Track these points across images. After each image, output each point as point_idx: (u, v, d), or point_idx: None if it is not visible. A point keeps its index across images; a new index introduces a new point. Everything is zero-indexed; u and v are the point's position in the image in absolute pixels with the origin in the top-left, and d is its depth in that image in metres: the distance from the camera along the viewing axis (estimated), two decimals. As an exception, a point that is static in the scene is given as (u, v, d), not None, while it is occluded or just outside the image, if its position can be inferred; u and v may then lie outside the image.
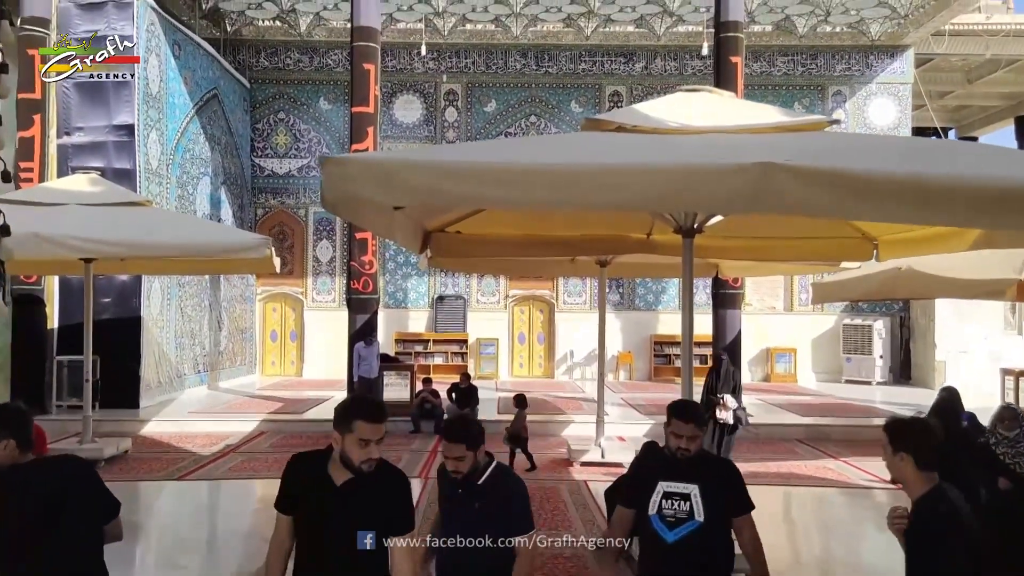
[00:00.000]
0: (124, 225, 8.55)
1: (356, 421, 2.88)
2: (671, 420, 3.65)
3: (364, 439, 2.88)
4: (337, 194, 4.02)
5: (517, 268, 12.73)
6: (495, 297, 19.75)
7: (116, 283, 13.22)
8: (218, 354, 16.91)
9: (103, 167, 12.61)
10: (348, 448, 2.90)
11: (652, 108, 5.61)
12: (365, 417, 2.89)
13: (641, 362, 19.41)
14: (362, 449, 2.88)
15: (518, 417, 9.70)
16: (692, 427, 3.57)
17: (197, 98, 15.68)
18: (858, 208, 3.62)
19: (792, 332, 19.13)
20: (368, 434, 2.88)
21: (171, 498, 8.59)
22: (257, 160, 19.37)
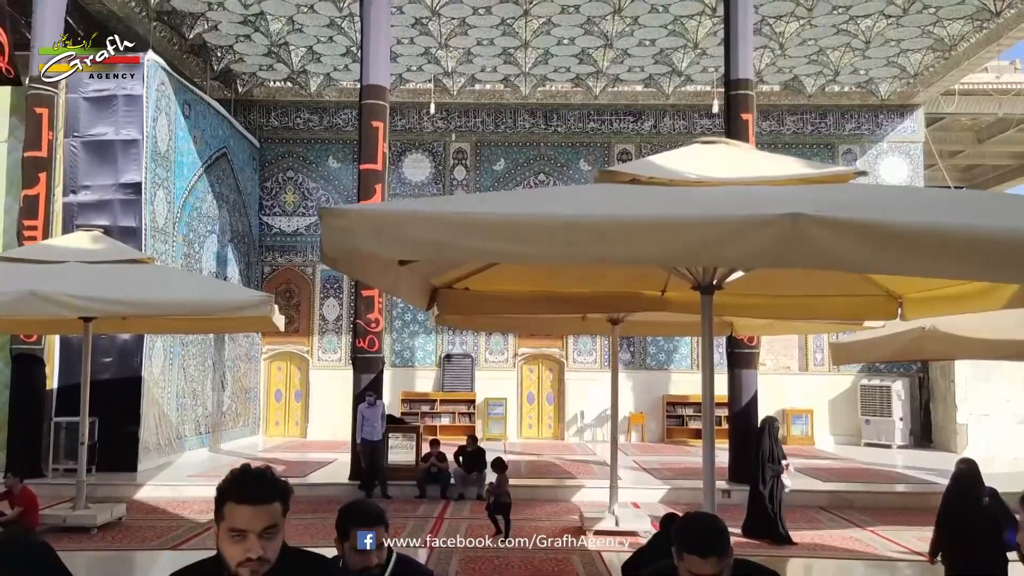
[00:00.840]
0: (124, 283, 8.34)
1: (226, 504, 2.05)
2: (683, 555, 2.63)
3: (236, 529, 2.02)
4: (337, 248, 3.77)
5: (526, 326, 12.45)
6: (503, 355, 19.42)
7: (118, 342, 12.97)
8: (220, 415, 16.55)
9: (108, 225, 12.50)
10: (221, 545, 2.06)
11: (668, 160, 5.40)
12: (237, 496, 2.04)
13: (654, 423, 18.94)
14: (236, 545, 2.02)
15: (499, 482, 9.33)
16: (714, 562, 2.59)
17: (206, 157, 15.67)
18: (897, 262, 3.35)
19: (808, 393, 18.66)
20: (241, 522, 2.02)
21: (164, 570, 8.16)
22: (265, 218, 19.31)
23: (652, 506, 11.26)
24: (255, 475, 2.11)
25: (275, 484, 2.10)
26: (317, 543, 8.95)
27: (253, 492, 2.05)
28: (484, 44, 16.66)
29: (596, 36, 16.19)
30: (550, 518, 10.44)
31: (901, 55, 17.12)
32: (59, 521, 9.31)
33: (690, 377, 19.00)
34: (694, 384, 18.85)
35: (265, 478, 2.10)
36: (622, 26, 15.67)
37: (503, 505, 9.20)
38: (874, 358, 11.48)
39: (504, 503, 9.21)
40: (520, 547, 8.75)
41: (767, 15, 15.16)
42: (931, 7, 14.79)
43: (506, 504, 9.21)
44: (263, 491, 2.06)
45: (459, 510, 10.94)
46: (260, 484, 2.08)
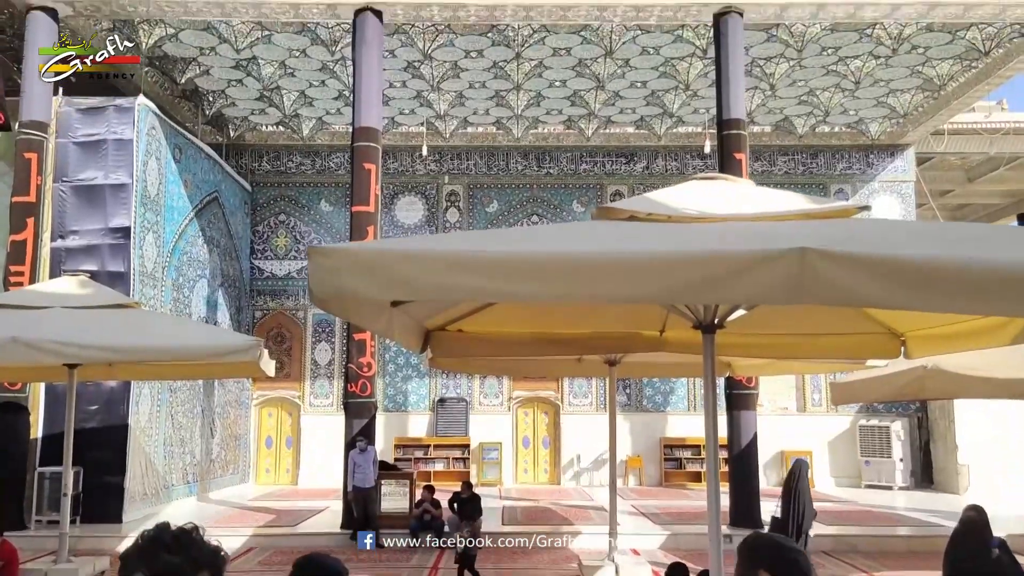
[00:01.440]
0: (108, 328, 8.14)
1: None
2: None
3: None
4: (326, 289, 3.62)
5: (522, 368, 12.23)
6: (498, 399, 19.15)
7: (104, 389, 12.70)
8: (209, 462, 16.19)
9: (96, 270, 12.34)
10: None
11: (666, 196, 5.28)
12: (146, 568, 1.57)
13: (651, 466, 18.63)
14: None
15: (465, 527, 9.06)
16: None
17: (197, 201, 15.57)
18: (908, 297, 3.19)
19: (807, 434, 18.42)
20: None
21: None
22: (256, 262, 19.16)
23: (652, 553, 10.96)
24: (170, 540, 1.59)
25: (200, 551, 1.61)
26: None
27: (168, 564, 1.55)
28: (476, 87, 16.72)
29: (588, 78, 16.27)
30: (548, 566, 10.14)
31: (891, 95, 17.25)
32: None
33: (687, 419, 18.75)
34: (692, 426, 18.61)
35: (184, 542, 1.60)
36: (613, 68, 15.76)
37: (469, 558, 8.85)
38: (874, 398, 11.28)
39: (470, 554, 8.84)
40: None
41: (757, 56, 15.27)
42: (920, 47, 14.92)
43: (472, 557, 8.85)
44: (181, 561, 1.56)
45: (454, 558, 10.60)
46: (177, 551, 1.58)
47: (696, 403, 18.90)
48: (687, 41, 14.68)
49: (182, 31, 14.26)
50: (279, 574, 9.71)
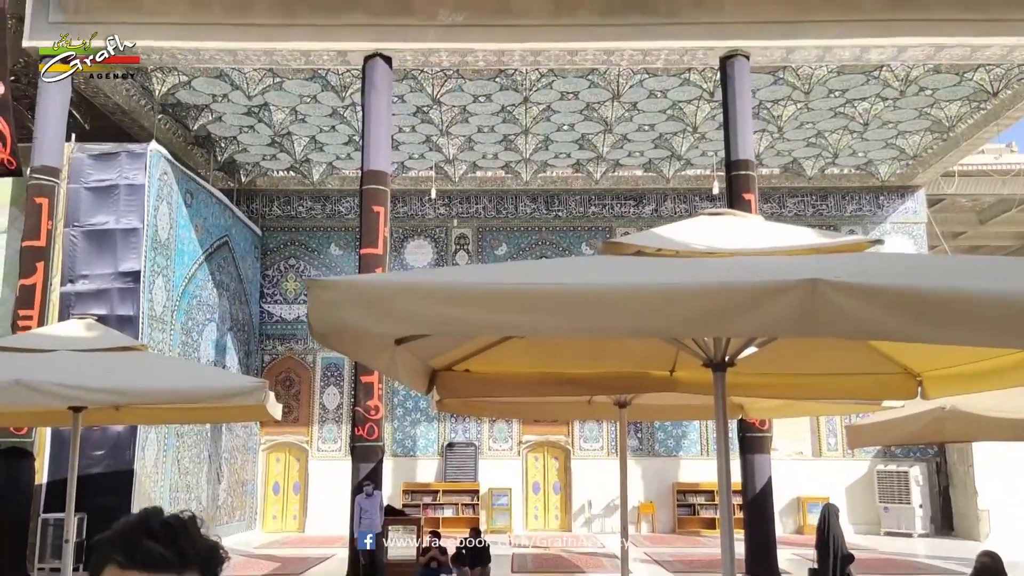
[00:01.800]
0: (113, 371, 8.07)
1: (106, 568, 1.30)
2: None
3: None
4: (325, 323, 3.55)
5: (531, 411, 12.03)
6: (508, 443, 18.91)
7: (110, 434, 12.60)
8: (216, 509, 15.98)
9: (106, 314, 12.34)
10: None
11: (674, 231, 5.22)
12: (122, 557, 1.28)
13: (664, 512, 18.26)
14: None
15: None
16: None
17: (207, 245, 15.63)
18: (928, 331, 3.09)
19: (823, 479, 18.05)
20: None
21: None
22: (266, 306, 19.16)
23: (666, 602, 10.66)
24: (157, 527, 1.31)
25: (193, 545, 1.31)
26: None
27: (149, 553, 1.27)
28: (485, 131, 16.84)
29: (596, 122, 16.36)
30: (558, 616, 9.86)
31: (899, 137, 17.25)
32: (38, 626, 8.75)
33: (700, 464, 18.44)
34: (705, 471, 18.29)
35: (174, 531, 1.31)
36: (621, 111, 15.85)
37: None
38: (891, 440, 11.04)
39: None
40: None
41: (764, 99, 15.33)
42: (928, 89, 14.95)
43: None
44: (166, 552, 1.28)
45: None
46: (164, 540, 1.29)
47: (709, 447, 18.59)
48: (694, 84, 14.76)
49: (195, 78, 14.46)
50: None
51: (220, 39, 12.81)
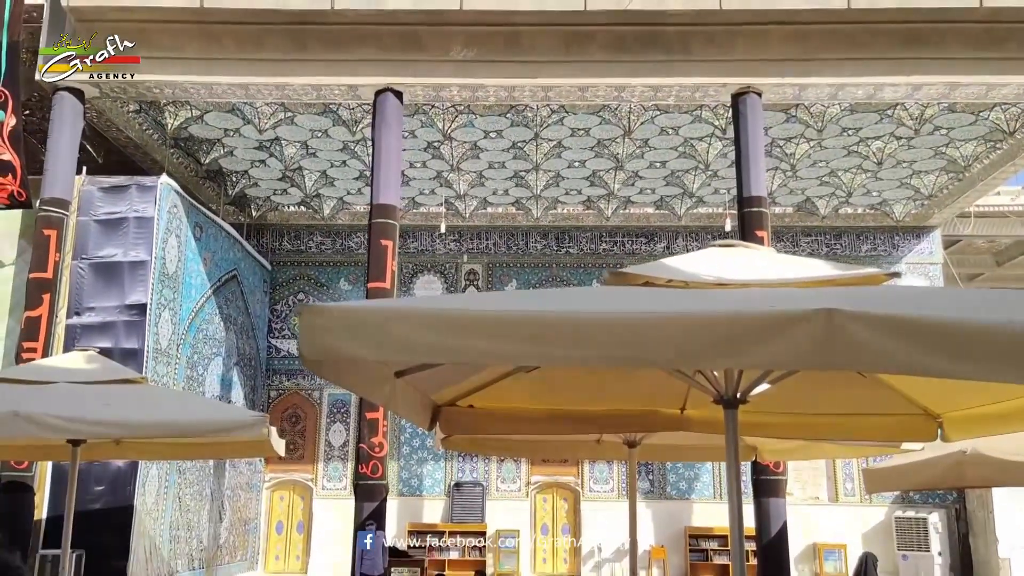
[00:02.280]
0: (112, 403, 7.91)
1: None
2: None
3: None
4: (316, 350, 3.40)
5: (538, 450, 11.76)
6: (516, 484, 18.55)
7: (111, 469, 12.40)
8: (217, 548, 15.68)
9: (111, 347, 12.23)
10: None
11: (684, 262, 5.05)
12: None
13: (676, 557, 17.79)
14: None
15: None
16: None
17: (215, 279, 15.56)
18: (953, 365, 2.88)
19: (840, 526, 17.57)
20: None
21: None
22: (274, 341, 19.04)
23: (677, 651, 10.26)
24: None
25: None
26: None
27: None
28: (496, 167, 16.81)
29: (607, 158, 16.30)
30: (565, 665, 9.48)
31: (914, 176, 17.09)
32: (27, 667, 8.48)
33: (713, 507, 18.01)
34: (718, 515, 17.86)
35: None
36: (632, 148, 15.79)
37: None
38: (910, 485, 10.70)
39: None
40: None
41: (777, 136, 15.24)
42: (943, 128, 14.81)
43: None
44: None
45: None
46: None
47: (722, 490, 18.17)
48: (706, 121, 14.69)
49: (207, 112, 14.52)
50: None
51: (232, 73, 12.86)
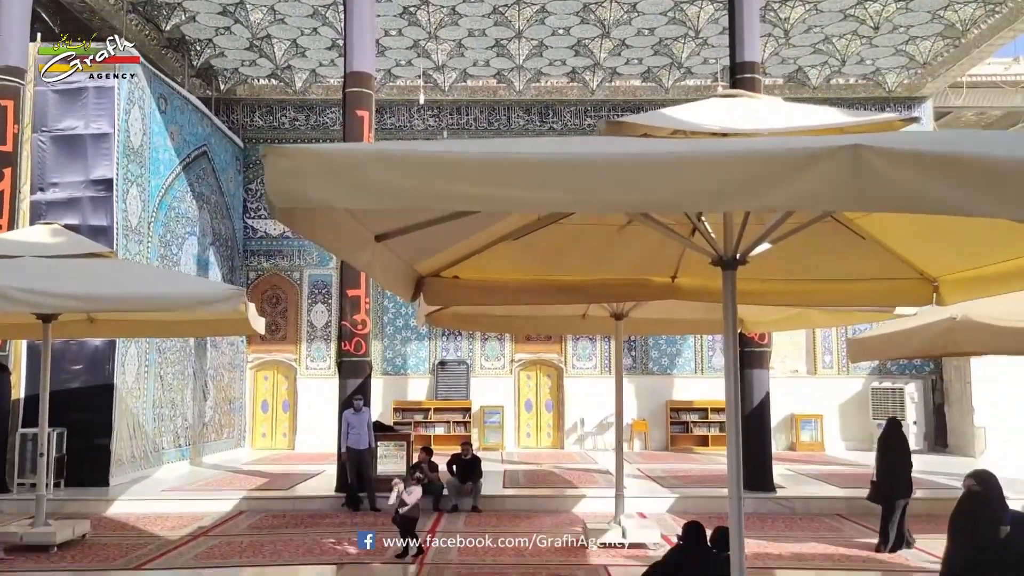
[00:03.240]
0: (79, 277, 7.59)
1: None
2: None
3: None
4: (284, 196, 3.01)
5: (523, 325, 11.61)
6: (500, 361, 18.65)
7: (88, 348, 12.19)
8: (202, 426, 15.73)
9: (78, 224, 11.80)
10: None
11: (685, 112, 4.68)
12: None
13: (657, 431, 18.16)
14: None
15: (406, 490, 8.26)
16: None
17: (184, 155, 14.92)
18: (992, 200, 2.61)
19: (817, 397, 17.92)
20: None
21: (124, 592, 7.37)
22: (250, 221, 18.56)
23: (660, 516, 10.50)
24: None
25: None
26: (296, 561, 8.17)
27: None
28: (476, 35, 15.98)
29: (593, 25, 15.51)
30: (551, 530, 9.66)
31: (910, 42, 16.47)
32: (15, 539, 8.49)
33: (694, 382, 18.26)
34: (698, 389, 18.13)
35: None
36: (620, 13, 15.00)
37: (406, 519, 8.22)
38: (896, 354, 10.70)
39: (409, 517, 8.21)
40: (519, 561, 7.97)
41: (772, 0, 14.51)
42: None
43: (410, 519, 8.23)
44: None
45: (453, 523, 10.16)
46: None
47: (703, 365, 18.38)
48: (698, -17, 13.93)
49: (166, -26, 13.54)
50: (269, 537, 9.25)
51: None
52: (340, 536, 9.18)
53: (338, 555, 8.43)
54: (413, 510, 8.19)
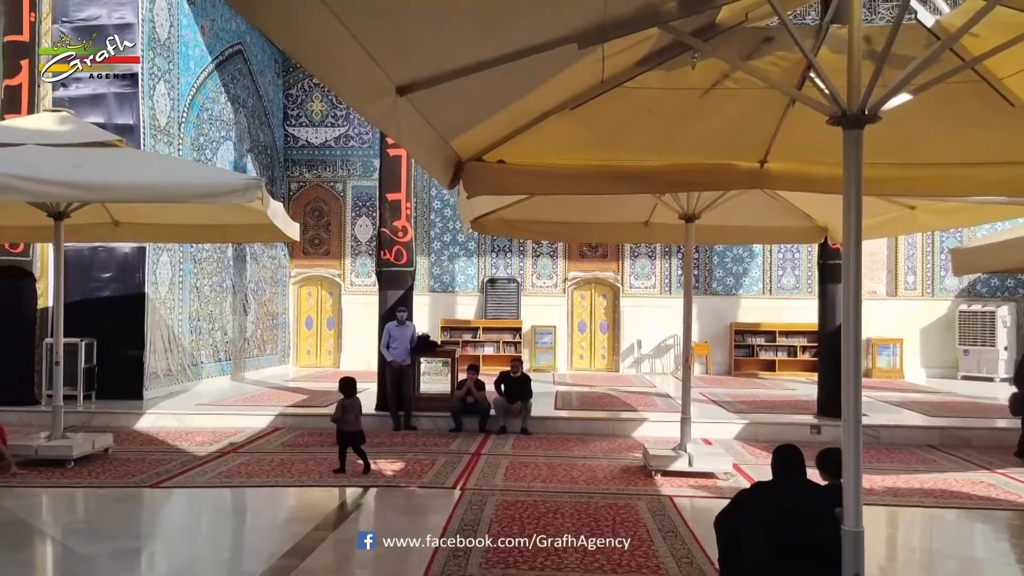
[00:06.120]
0: (83, 166, 6.75)
1: None
2: None
3: None
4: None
5: (577, 233, 10.44)
6: (552, 280, 17.65)
7: (117, 255, 11.55)
8: (243, 341, 15.18)
9: (103, 123, 11.00)
10: None
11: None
12: None
13: (719, 354, 17.08)
14: None
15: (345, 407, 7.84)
16: None
17: (217, 52, 13.94)
18: None
19: (897, 321, 16.56)
20: None
21: (130, 512, 6.70)
22: (291, 129, 17.63)
23: (727, 443, 9.52)
24: None
25: None
26: (325, 482, 7.43)
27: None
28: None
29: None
30: (607, 455, 8.78)
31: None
32: (31, 453, 7.93)
33: (760, 303, 17.04)
34: (765, 311, 16.93)
35: None
36: None
37: (344, 435, 7.79)
38: (1010, 265, 9.36)
39: (346, 432, 7.78)
40: (571, 489, 7.11)
41: None
42: None
43: (347, 434, 7.78)
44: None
45: (499, 445, 9.35)
46: None
47: (772, 286, 17.11)
48: None
49: None
50: (300, 455, 8.57)
51: None
52: (376, 456, 8.43)
53: (372, 476, 7.67)
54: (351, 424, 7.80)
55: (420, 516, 6.47)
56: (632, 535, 5.75)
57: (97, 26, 11.45)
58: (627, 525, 6.02)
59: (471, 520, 6.10)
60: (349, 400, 7.93)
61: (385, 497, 7.07)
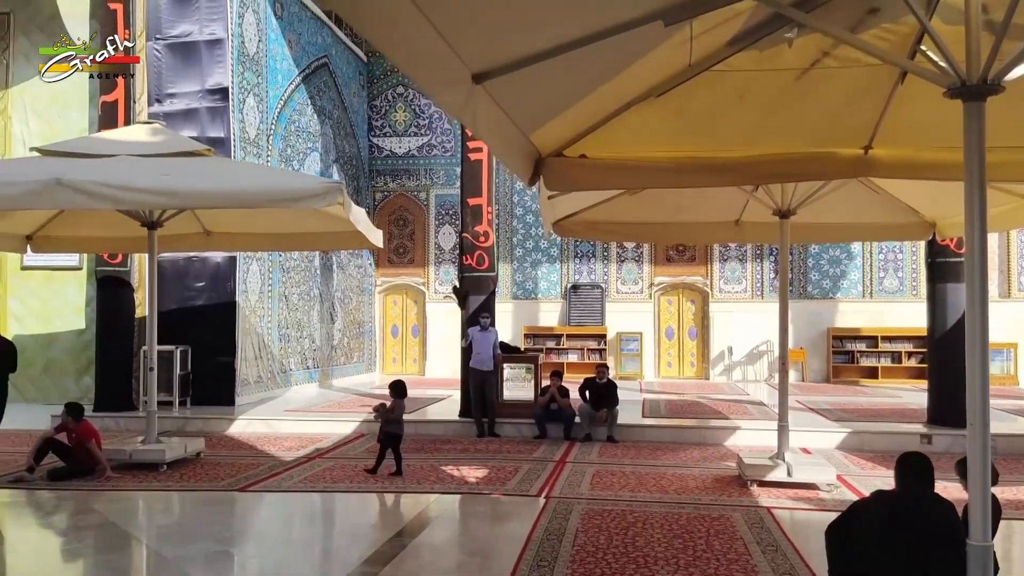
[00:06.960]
0: (170, 174, 6.87)
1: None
2: None
3: None
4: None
5: (662, 234, 10.11)
6: (637, 285, 17.26)
7: (210, 265, 11.82)
8: (331, 349, 15.37)
9: (196, 136, 11.26)
10: None
11: None
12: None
13: (816, 361, 16.33)
14: None
15: (396, 407, 7.96)
16: None
17: (303, 65, 14.19)
18: None
19: (1011, 324, 15.47)
20: None
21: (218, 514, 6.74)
22: (375, 140, 17.83)
23: (828, 453, 8.98)
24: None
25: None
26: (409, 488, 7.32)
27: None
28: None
29: None
30: (699, 464, 8.40)
31: None
32: (125, 457, 8.11)
33: (861, 306, 16.23)
34: (865, 315, 16.12)
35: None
36: None
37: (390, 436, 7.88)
38: None
39: (392, 433, 7.88)
40: (661, 499, 6.79)
41: None
42: None
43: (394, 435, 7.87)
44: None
45: (585, 453, 9.07)
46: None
47: (873, 288, 16.28)
48: None
49: None
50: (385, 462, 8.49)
51: None
52: (459, 462, 8.29)
53: (455, 483, 7.53)
54: None
55: (503, 524, 6.28)
56: (728, 548, 5.40)
57: (189, 43, 11.79)
58: (722, 537, 5.67)
59: (556, 529, 5.87)
60: (400, 401, 8.03)
61: (468, 504, 6.91)
